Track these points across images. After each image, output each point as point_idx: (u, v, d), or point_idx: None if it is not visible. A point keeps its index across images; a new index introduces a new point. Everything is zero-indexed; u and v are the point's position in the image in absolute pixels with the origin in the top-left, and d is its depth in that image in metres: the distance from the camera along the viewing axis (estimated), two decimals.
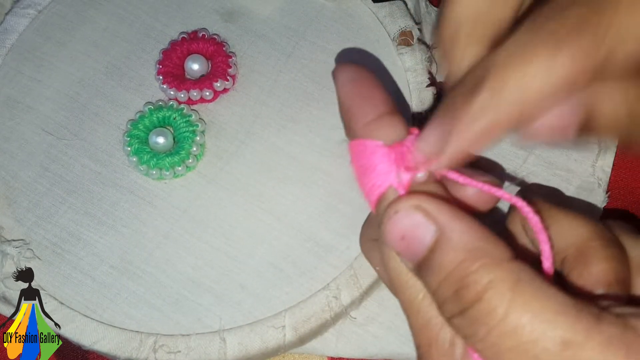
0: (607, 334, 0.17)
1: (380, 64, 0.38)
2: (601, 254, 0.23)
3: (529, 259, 0.23)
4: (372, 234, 0.27)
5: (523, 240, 0.26)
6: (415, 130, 0.22)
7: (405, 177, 0.21)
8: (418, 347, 0.21)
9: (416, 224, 0.20)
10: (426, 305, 0.21)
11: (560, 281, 0.23)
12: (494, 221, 0.22)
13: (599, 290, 0.22)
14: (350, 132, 0.23)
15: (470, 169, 0.23)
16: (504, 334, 0.18)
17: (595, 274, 0.22)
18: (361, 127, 0.22)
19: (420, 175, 0.21)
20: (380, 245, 0.22)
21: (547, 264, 0.21)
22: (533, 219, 0.21)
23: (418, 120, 0.37)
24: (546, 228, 0.21)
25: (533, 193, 0.35)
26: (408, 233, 0.20)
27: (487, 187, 0.22)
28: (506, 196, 0.21)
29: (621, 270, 0.23)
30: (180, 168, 0.35)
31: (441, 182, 0.23)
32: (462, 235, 0.19)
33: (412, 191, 0.21)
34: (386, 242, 0.21)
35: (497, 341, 0.18)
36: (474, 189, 0.23)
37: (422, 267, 0.20)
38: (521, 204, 0.21)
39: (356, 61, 0.25)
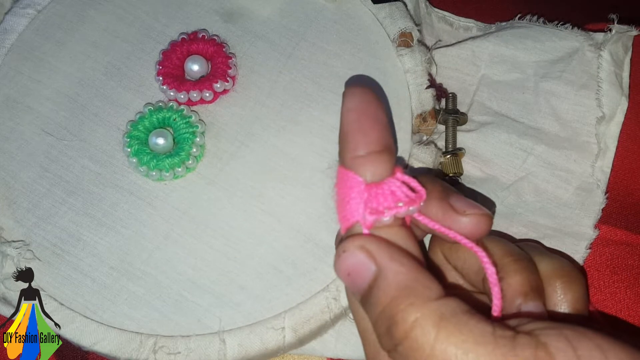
0: (521, 356, 0.20)
1: (382, 69, 0.38)
2: (513, 268, 0.26)
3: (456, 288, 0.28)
4: None
5: (445, 267, 0.29)
6: (398, 170, 0.24)
7: (370, 218, 0.23)
8: None
9: (359, 263, 0.23)
10: (375, 337, 0.23)
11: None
12: None
13: (518, 299, 0.25)
14: (341, 159, 0.25)
15: (461, 198, 0.26)
16: None
17: (512, 285, 0.25)
18: (350, 158, 0.24)
19: (386, 219, 0.23)
20: None
21: (496, 312, 0.24)
22: (489, 269, 0.24)
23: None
24: (500, 280, 0.24)
25: None
26: (353, 270, 0.23)
27: (451, 234, 0.24)
28: (468, 244, 0.24)
29: (533, 280, 0.26)
30: (180, 169, 0.35)
31: (408, 225, 0.25)
32: (396, 275, 0.22)
33: (375, 229, 0.24)
34: (338, 276, 0.24)
35: None
36: (465, 219, 0.25)
37: (364, 301, 0.23)
38: (481, 254, 0.24)
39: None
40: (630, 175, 0.37)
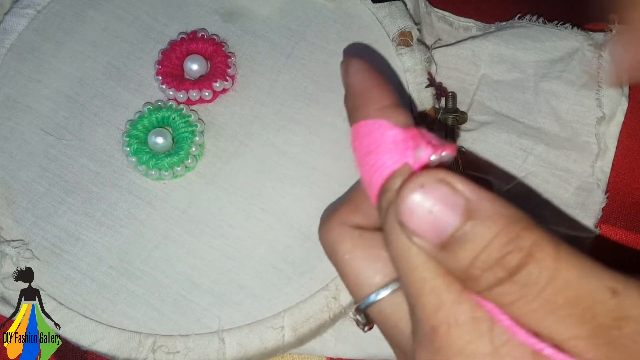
0: (638, 284, 0.19)
1: (380, 64, 0.38)
2: None
3: None
4: (349, 219, 0.26)
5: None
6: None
7: (425, 153, 0.20)
8: (432, 329, 0.21)
9: (445, 197, 0.19)
10: (440, 286, 0.21)
11: None
12: None
13: None
14: (361, 115, 0.23)
15: (469, 173, 0.24)
16: (557, 290, 0.19)
17: None
18: (376, 109, 0.23)
19: (434, 157, 0.21)
20: (387, 227, 0.22)
21: None
22: None
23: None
24: None
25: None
26: (436, 207, 0.19)
27: None
28: None
29: None
30: (179, 168, 0.35)
31: None
32: (494, 205, 0.19)
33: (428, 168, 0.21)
34: (404, 220, 0.20)
35: (551, 298, 0.19)
36: None
37: (451, 243, 0.20)
38: None
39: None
40: (631, 175, 0.37)
